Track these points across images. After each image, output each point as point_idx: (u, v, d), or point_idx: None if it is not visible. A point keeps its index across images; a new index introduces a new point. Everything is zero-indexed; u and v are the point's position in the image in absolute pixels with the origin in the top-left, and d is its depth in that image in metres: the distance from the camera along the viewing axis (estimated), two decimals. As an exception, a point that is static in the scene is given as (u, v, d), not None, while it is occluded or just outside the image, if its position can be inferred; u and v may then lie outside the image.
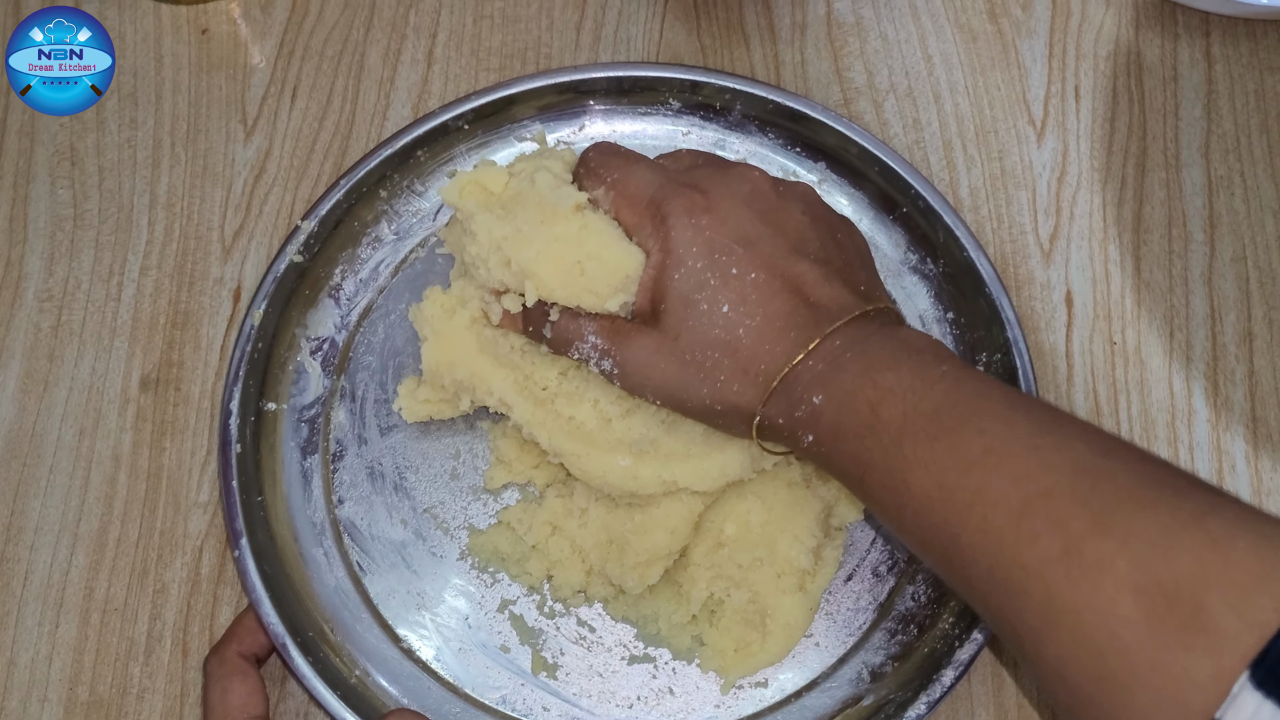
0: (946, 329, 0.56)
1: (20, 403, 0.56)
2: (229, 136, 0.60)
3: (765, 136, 0.59)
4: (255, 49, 0.62)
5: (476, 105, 0.57)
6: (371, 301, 0.57)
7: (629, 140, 0.59)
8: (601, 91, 0.59)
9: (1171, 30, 0.63)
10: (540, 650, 0.52)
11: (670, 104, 0.59)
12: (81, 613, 0.52)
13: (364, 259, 0.57)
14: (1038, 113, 0.62)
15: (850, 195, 0.59)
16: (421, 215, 0.58)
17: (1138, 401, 0.56)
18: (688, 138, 0.59)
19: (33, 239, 0.59)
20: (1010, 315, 0.54)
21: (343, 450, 0.55)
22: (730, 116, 0.59)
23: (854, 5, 0.63)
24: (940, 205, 0.56)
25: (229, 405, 0.52)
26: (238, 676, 0.48)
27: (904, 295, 0.57)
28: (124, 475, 0.55)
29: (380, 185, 0.57)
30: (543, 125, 0.59)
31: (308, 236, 0.55)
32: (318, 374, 0.55)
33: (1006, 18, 0.63)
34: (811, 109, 0.57)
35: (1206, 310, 0.58)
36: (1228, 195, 0.60)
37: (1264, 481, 0.55)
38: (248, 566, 0.50)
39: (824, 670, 0.51)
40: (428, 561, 0.53)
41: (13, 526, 0.54)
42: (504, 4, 0.63)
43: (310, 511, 0.53)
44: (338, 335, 0.56)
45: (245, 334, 0.53)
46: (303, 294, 0.56)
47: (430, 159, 0.58)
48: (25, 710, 0.51)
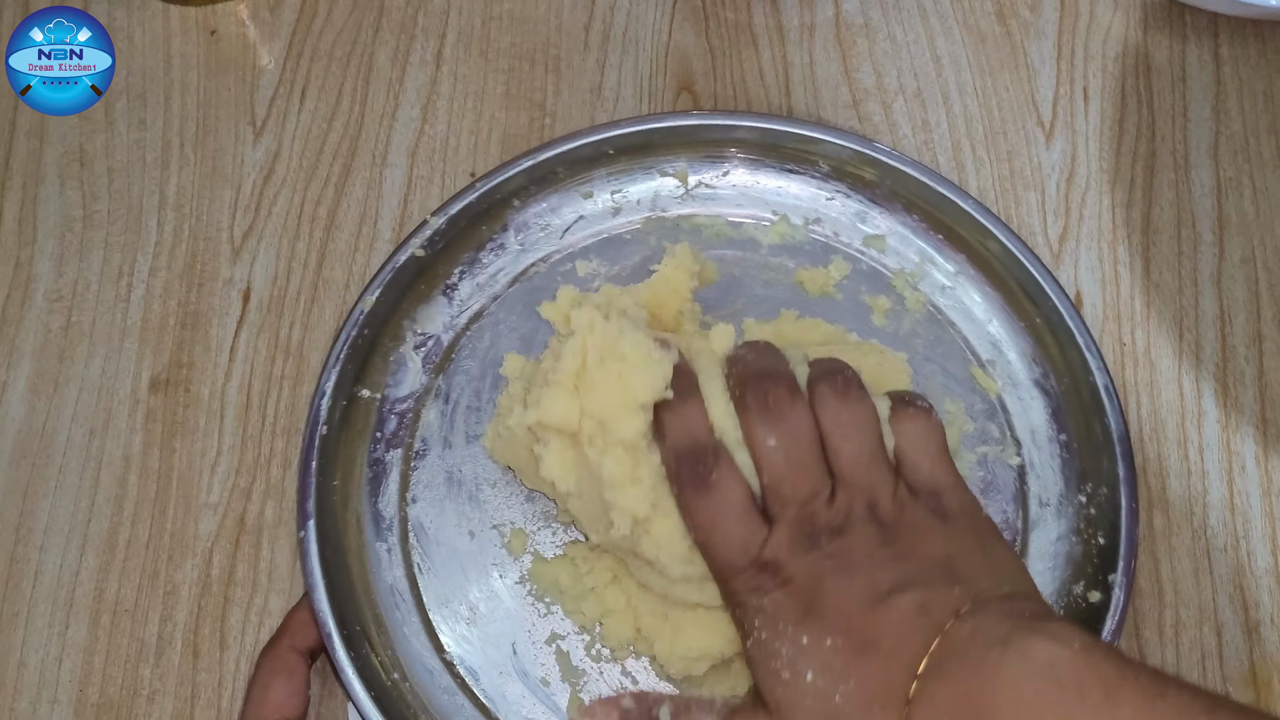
0: (1057, 450, 0.54)
1: (30, 403, 0.56)
2: (238, 137, 0.61)
3: (909, 217, 0.57)
4: (264, 50, 0.62)
5: (623, 132, 0.56)
6: (484, 307, 0.56)
7: (770, 195, 0.58)
8: (752, 142, 0.58)
9: (1180, 31, 0.63)
10: (579, 691, 0.50)
11: (820, 166, 0.57)
12: (91, 614, 0.52)
13: (485, 264, 0.57)
14: (1046, 114, 0.62)
15: (984, 293, 0.56)
16: (549, 231, 0.57)
17: (1147, 402, 0.56)
18: (830, 203, 0.58)
19: (42, 240, 0.59)
20: (1128, 450, 0.52)
21: (426, 449, 0.54)
22: (877, 190, 0.57)
23: (863, 6, 0.64)
24: (1075, 323, 0.54)
25: (324, 385, 0.52)
26: (283, 675, 0.47)
27: (1020, 407, 0.55)
28: (134, 476, 0.55)
29: (515, 195, 0.56)
30: (687, 163, 0.58)
31: (434, 232, 0.55)
32: (417, 369, 0.55)
33: (1015, 19, 0.63)
34: (962, 199, 0.55)
35: (1216, 311, 0.58)
36: (1237, 196, 0.60)
37: (1274, 482, 0.55)
38: (310, 550, 0.49)
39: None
40: (487, 577, 0.52)
41: (22, 527, 0.54)
42: (513, 5, 0.63)
43: (382, 505, 0.53)
44: (444, 334, 0.56)
45: (354, 319, 0.53)
46: (418, 288, 0.55)
47: (569, 177, 0.57)
48: (35, 712, 0.51)
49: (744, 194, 0.58)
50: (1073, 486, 0.53)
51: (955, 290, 0.57)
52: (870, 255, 0.57)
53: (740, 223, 0.58)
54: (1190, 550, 0.54)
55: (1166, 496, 0.55)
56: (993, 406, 0.55)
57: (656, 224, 0.58)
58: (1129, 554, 0.50)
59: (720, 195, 0.58)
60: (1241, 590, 0.54)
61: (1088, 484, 0.53)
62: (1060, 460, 0.54)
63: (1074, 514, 0.53)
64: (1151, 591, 0.54)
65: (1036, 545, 0.53)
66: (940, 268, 0.57)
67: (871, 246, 0.57)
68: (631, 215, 0.58)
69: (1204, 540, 0.55)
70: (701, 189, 0.58)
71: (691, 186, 0.58)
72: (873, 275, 0.57)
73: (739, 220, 0.58)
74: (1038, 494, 0.54)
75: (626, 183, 0.58)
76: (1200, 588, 0.54)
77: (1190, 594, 0.54)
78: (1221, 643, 0.53)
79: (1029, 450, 0.54)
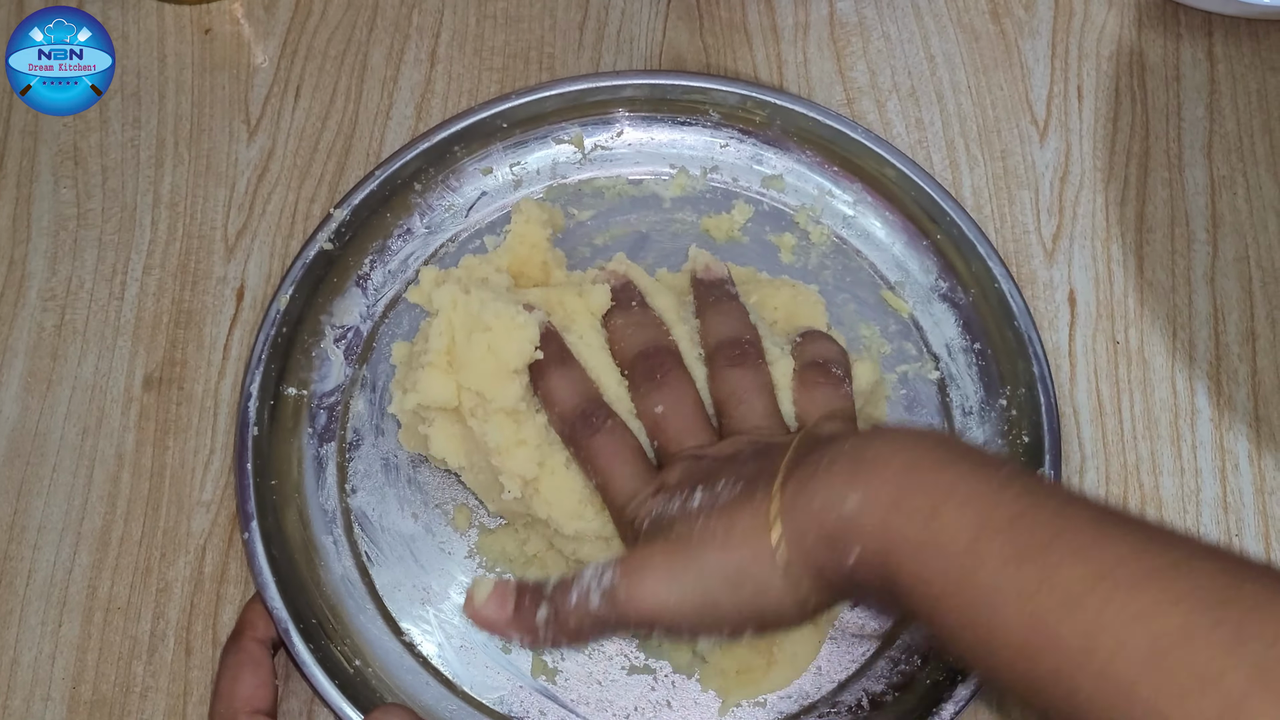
0: (973, 359, 0.56)
1: (24, 402, 0.56)
2: (232, 136, 0.61)
3: (803, 154, 0.59)
4: (258, 49, 0.62)
5: (514, 104, 0.57)
6: (398, 293, 0.57)
7: (666, 150, 0.59)
8: (642, 99, 0.59)
9: (1174, 30, 0.63)
10: (541, 654, 0.52)
11: (710, 115, 0.59)
12: (85, 611, 0.52)
13: (394, 250, 0.57)
14: (1040, 112, 0.62)
15: (884, 219, 0.58)
16: (454, 210, 0.58)
17: (1140, 401, 0.56)
18: (725, 150, 0.59)
19: (36, 238, 0.59)
20: (1039, 350, 0.53)
21: (359, 440, 0.55)
22: (769, 132, 0.59)
23: (857, 5, 0.64)
24: (975, 235, 0.55)
25: (249, 388, 0.52)
26: (250, 666, 0.48)
27: (932, 322, 0.57)
28: (127, 474, 0.55)
29: (415, 178, 0.57)
30: (580, 128, 0.59)
31: (339, 224, 0.55)
32: (340, 362, 0.55)
33: (1009, 17, 0.63)
34: (852, 129, 0.57)
35: (1209, 310, 0.58)
36: (1230, 195, 0.60)
37: (1267, 481, 0.55)
38: (256, 550, 0.50)
39: (824, 695, 0.51)
40: (435, 557, 0.53)
41: (16, 525, 0.54)
42: (507, 4, 0.63)
43: (322, 499, 0.53)
44: (362, 325, 0.56)
45: (271, 318, 0.53)
46: (330, 281, 0.56)
47: (466, 155, 0.58)
48: (28, 709, 0.51)
49: (640, 151, 0.59)
50: (993, 392, 0.55)
51: (857, 219, 0.58)
52: (771, 196, 0.59)
53: (641, 180, 0.59)
54: (1183, 548, 0.54)
55: (1160, 494, 0.55)
56: (906, 326, 0.57)
57: (558, 191, 0.59)
58: (1054, 447, 0.52)
59: (617, 155, 0.59)
60: (1234, 588, 0.54)
61: (1006, 387, 0.55)
62: (977, 368, 0.56)
63: (997, 418, 0.55)
64: (1144, 589, 0.54)
65: None
66: (840, 199, 0.59)
67: (771, 187, 0.59)
68: (533, 186, 0.59)
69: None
70: (598, 152, 0.59)
71: (588, 150, 0.59)
72: (775, 215, 0.58)
73: (639, 178, 0.59)
74: (960, 403, 0.55)
75: (524, 154, 0.59)
76: (1193, 586, 0.54)
77: (1183, 592, 0.54)
78: (1214, 641, 0.53)
79: (946, 363, 0.56)
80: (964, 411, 0.55)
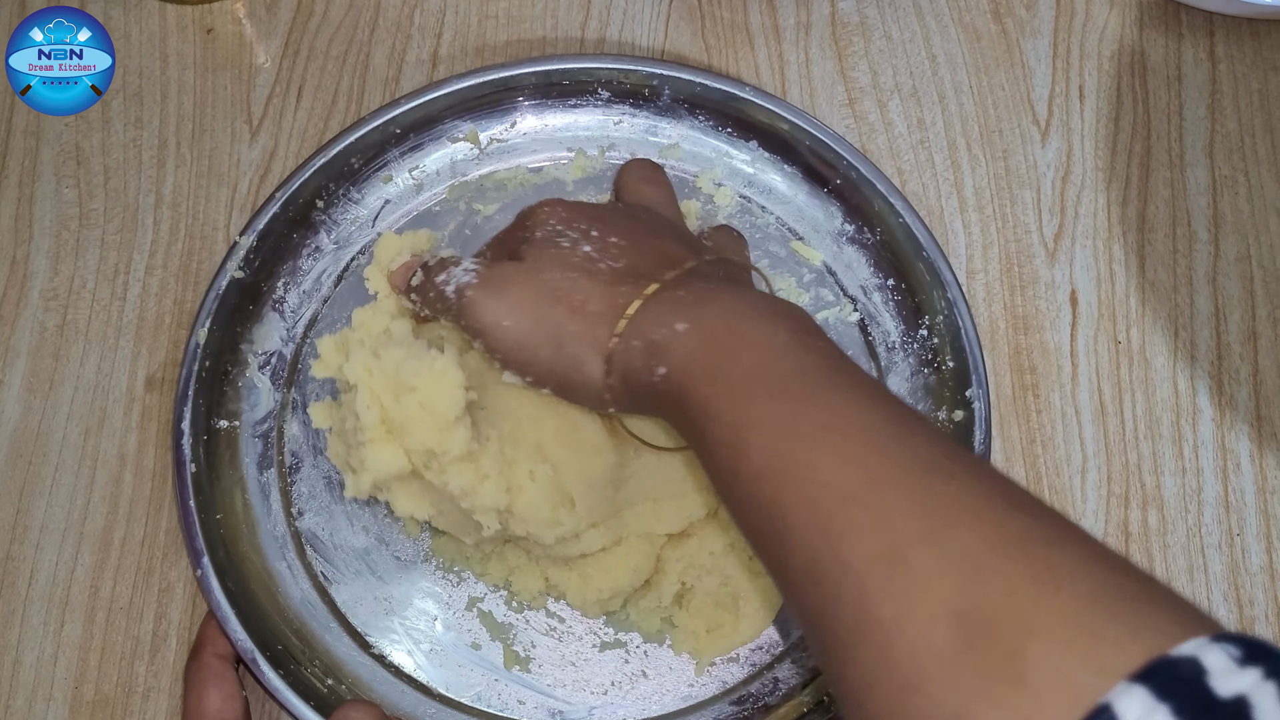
0: (888, 295, 0.57)
1: (26, 402, 0.56)
2: (234, 136, 0.61)
3: (696, 119, 0.59)
4: (260, 49, 0.62)
5: (404, 110, 0.57)
6: (316, 312, 0.57)
7: (561, 134, 0.59)
8: (530, 87, 0.59)
9: (1175, 30, 0.63)
10: (511, 645, 0.52)
11: (600, 94, 0.59)
12: (87, 612, 0.53)
13: (305, 270, 0.57)
14: (1042, 112, 0.62)
15: (783, 172, 0.59)
16: (360, 223, 0.58)
17: (1142, 400, 0.56)
18: (619, 126, 0.59)
19: (38, 238, 0.59)
20: (949, 276, 0.54)
21: (299, 462, 0.54)
22: (660, 102, 0.59)
23: (858, 5, 0.64)
24: (873, 174, 0.56)
25: (180, 425, 0.52)
26: (214, 681, 0.48)
27: (843, 266, 0.57)
28: (129, 474, 0.55)
29: (317, 196, 0.57)
30: (474, 124, 0.59)
31: (247, 251, 0.54)
32: (268, 388, 0.55)
33: (1011, 17, 0.63)
34: (739, 89, 0.57)
35: (1211, 309, 0.58)
36: (1232, 195, 0.60)
37: (1268, 480, 0.55)
38: (211, 585, 0.49)
39: (795, 641, 0.52)
40: (392, 566, 0.53)
41: (18, 526, 0.54)
42: (508, 4, 0.63)
43: (271, 525, 0.53)
44: (285, 348, 0.56)
45: (191, 353, 0.53)
46: (246, 309, 0.55)
47: (365, 165, 0.58)
48: (31, 709, 0.51)
49: (536, 139, 0.59)
50: (912, 325, 0.56)
51: (757, 175, 0.59)
52: (671, 164, 0.59)
53: (540, 167, 0.59)
54: (1185, 548, 0.54)
55: (1161, 494, 0.55)
56: (820, 273, 0.58)
57: (461, 189, 0.59)
58: (978, 367, 0.53)
59: (514, 146, 0.59)
60: (1236, 588, 0.54)
61: (924, 318, 0.55)
62: (894, 304, 0.57)
63: (919, 348, 0.56)
64: (1146, 589, 0.54)
65: (894, 386, 0.56)
66: (738, 159, 0.59)
67: (669, 156, 0.59)
68: (435, 187, 0.59)
69: (1199, 538, 0.55)
70: (494, 145, 0.59)
71: (485, 145, 0.59)
72: (678, 183, 0.58)
73: (539, 165, 0.59)
74: (882, 340, 0.56)
75: (421, 157, 0.59)
76: (1195, 585, 0.54)
77: (1185, 591, 0.54)
78: (1216, 640, 0.53)
79: (863, 304, 0.57)
80: (887, 348, 0.56)
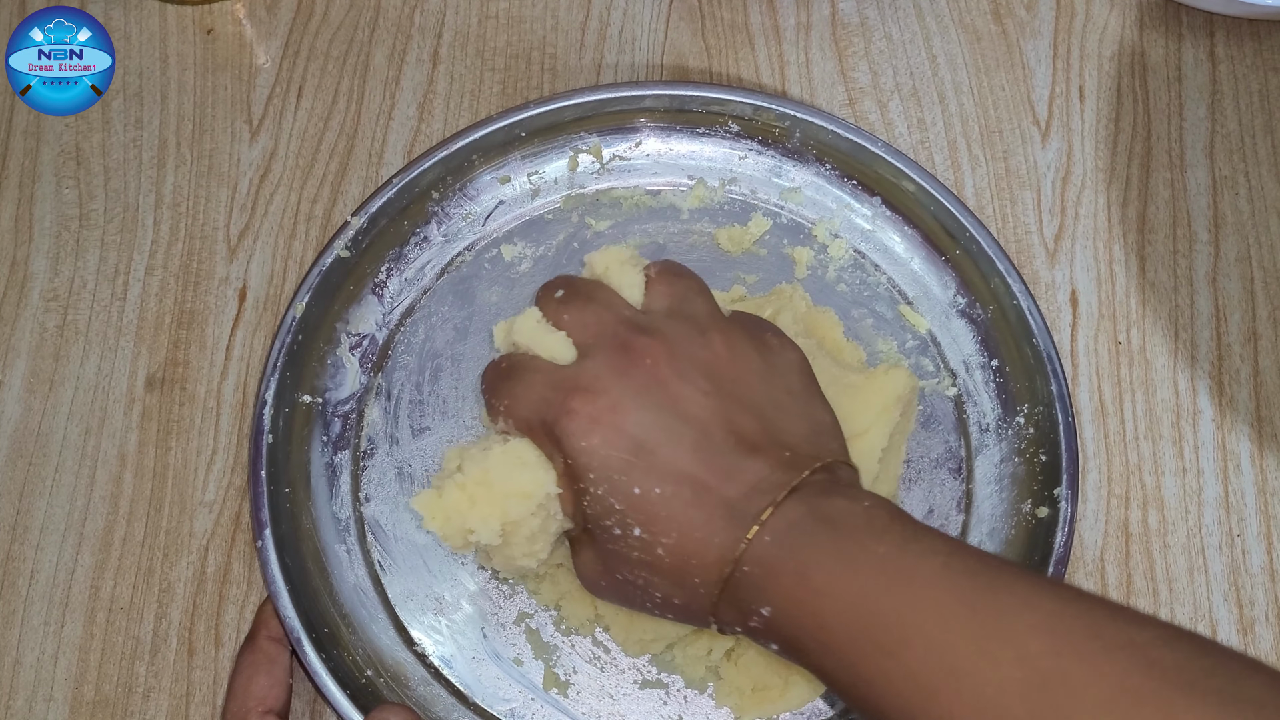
0: (990, 375, 0.56)
1: (26, 402, 0.56)
2: (234, 136, 0.61)
3: (822, 166, 0.58)
4: (260, 49, 0.62)
5: (532, 114, 0.57)
6: (415, 301, 0.57)
7: (684, 161, 0.59)
8: (661, 110, 0.58)
9: (1176, 31, 0.63)
10: (553, 666, 0.51)
11: (729, 127, 0.58)
12: (87, 612, 0.53)
13: (411, 259, 0.57)
14: (1042, 113, 0.62)
15: (903, 234, 0.58)
16: (471, 219, 0.58)
17: (1143, 401, 0.56)
18: (744, 161, 0.59)
19: (38, 239, 0.59)
20: (1058, 368, 0.53)
21: (373, 448, 0.54)
22: (789, 144, 0.58)
23: (859, 6, 0.64)
24: (994, 251, 0.55)
25: (264, 395, 0.52)
26: (265, 666, 0.48)
27: (949, 338, 0.56)
28: (130, 475, 0.55)
29: (433, 187, 0.57)
30: (599, 139, 0.58)
31: (356, 232, 0.55)
32: (355, 370, 0.55)
33: (1011, 18, 0.63)
34: (871, 143, 0.57)
35: (1211, 310, 0.58)
36: (1232, 195, 0.60)
37: (1269, 481, 0.55)
38: (269, 559, 0.49)
39: (837, 712, 0.51)
40: (448, 566, 0.53)
41: (18, 526, 0.54)
42: (509, 4, 0.63)
43: (336, 507, 0.53)
44: (378, 333, 0.56)
45: (286, 325, 0.53)
46: (346, 289, 0.55)
47: (484, 163, 0.58)
48: (31, 710, 0.51)
49: (658, 162, 0.59)
50: (1009, 409, 0.55)
51: (875, 233, 0.58)
52: (789, 208, 0.58)
53: (658, 191, 0.59)
54: (1185, 548, 0.54)
55: (1162, 494, 0.55)
56: (924, 341, 0.56)
57: (576, 201, 0.58)
58: (1071, 467, 0.52)
59: (635, 166, 0.59)
60: (1236, 588, 0.54)
61: (1024, 405, 0.54)
62: (995, 385, 0.55)
63: (1014, 436, 0.54)
64: (1146, 589, 0.54)
65: (981, 470, 0.54)
66: (858, 212, 0.58)
67: (789, 200, 0.58)
68: (550, 195, 0.58)
69: (1199, 538, 0.55)
70: (616, 162, 0.59)
71: (606, 160, 0.59)
72: (793, 228, 0.58)
73: (656, 189, 0.59)
74: (977, 420, 0.55)
75: (542, 163, 0.59)
76: (1195, 586, 0.54)
77: (1185, 592, 0.54)
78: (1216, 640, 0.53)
79: (963, 379, 0.56)
80: (980, 429, 0.55)
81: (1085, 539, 0.54)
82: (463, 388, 0.55)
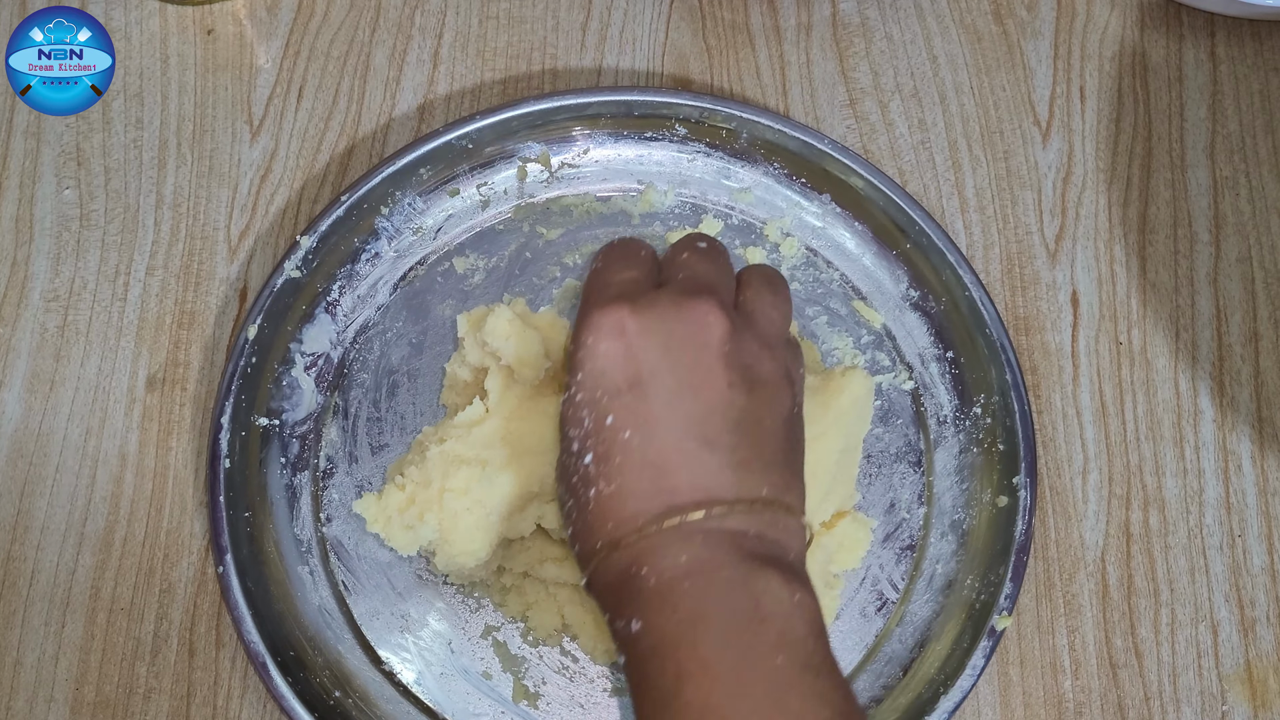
0: (945, 367, 0.56)
1: (27, 402, 0.56)
2: (235, 137, 0.61)
3: (770, 166, 0.58)
4: (261, 50, 0.62)
5: (479, 125, 0.56)
6: (368, 319, 0.56)
7: (633, 166, 0.59)
8: (606, 115, 0.58)
9: (1176, 31, 0.63)
10: (522, 678, 0.51)
11: (676, 130, 0.58)
12: (88, 612, 0.52)
13: (363, 275, 0.57)
14: (1043, 113, 0.62)
15: (853, 230, 0.58)
16: (422, 233, 0.58)
17: (1144, 401, 0.56)
18: (693, 164, 0.59)
19: (39, 239, 0.59)
20: (1012, 358, 0.53)
21: (333, 468, 0.54)
22: (736, 145, 0.58)
23: (859, 6, 0.64)
24: (944, 243, 0.55)
25: (220, 419, 0.52)
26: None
27: (904, 332, 0.57)
28: (130, 475, 0.55)
29: (382, 202, 0.57)
30: (546, 146, 0.58)
31: (306, 251, 0.54)
32: (311, 390, 0.55)
33: (1011, 19, 0.63)
34: (817, 140, 0.57)
35: (1212, 310, 0.58)
36: (1233, 196, 0.60)
37: (1269, 481, 0.55)
38: (231, 583, 0.49)
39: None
40: (413, 584, 0.53)
41: (19, 526, 0.54)
42: (509, 5, 0.63)
43: (297, 529, 0.53)
44: (333, 351, 0.56)
45: (239, 348, 0.53)
46: (299, 309, 0.55)
47: (433, 177, 0.57)
48: (31, 710, 0.51)
49: (607, 168, 0.59)
50: (966, 400, 0.55)
51: (826, 230, 0.58)
52: (739, 209, 0.58)
53: (608, 196, 0.59)
54: (1186, 549, 0.54)
55: (1163, 495, 0.55)
56: (879, 336, 0.57)
57: (526, 210, 0.58)
58: (1029, 455, 0.52)
59: (585, 173, 0.59)
60: (1237, 589, 0.54)
61: (980, 395, 0.55)
62: (950, 377, 0.56)
63: (972, 426, 0.55)
64: (1147, 590, 0.54)
65: (941, 462, 0.55)
66: (809, 211, 0.58)
67: (739, 200, 0.58)
68: (501, 206, 0.58)
69: (1200, 539, 0.55)
70: (565, 170, 0.59)
71: (555, 169, 0.59)
72: (745, 228, 0.58)
73: (606, 194, 0.59)
74: (934, 413, 0.56)
75: (490, 174, 0.58)
76: (1196, 586, 0.54)
77: (1186, 592, 0.54)
78: (1217, 641, 0.53)
79: (919, 372, 0.56)
80: (938, 420, 0.55)
81: (1086, 540, 0.54)
82: (420, 403, 0.55)
